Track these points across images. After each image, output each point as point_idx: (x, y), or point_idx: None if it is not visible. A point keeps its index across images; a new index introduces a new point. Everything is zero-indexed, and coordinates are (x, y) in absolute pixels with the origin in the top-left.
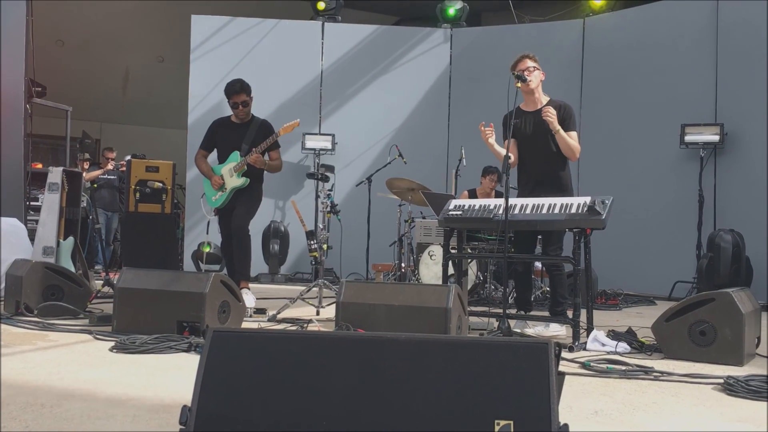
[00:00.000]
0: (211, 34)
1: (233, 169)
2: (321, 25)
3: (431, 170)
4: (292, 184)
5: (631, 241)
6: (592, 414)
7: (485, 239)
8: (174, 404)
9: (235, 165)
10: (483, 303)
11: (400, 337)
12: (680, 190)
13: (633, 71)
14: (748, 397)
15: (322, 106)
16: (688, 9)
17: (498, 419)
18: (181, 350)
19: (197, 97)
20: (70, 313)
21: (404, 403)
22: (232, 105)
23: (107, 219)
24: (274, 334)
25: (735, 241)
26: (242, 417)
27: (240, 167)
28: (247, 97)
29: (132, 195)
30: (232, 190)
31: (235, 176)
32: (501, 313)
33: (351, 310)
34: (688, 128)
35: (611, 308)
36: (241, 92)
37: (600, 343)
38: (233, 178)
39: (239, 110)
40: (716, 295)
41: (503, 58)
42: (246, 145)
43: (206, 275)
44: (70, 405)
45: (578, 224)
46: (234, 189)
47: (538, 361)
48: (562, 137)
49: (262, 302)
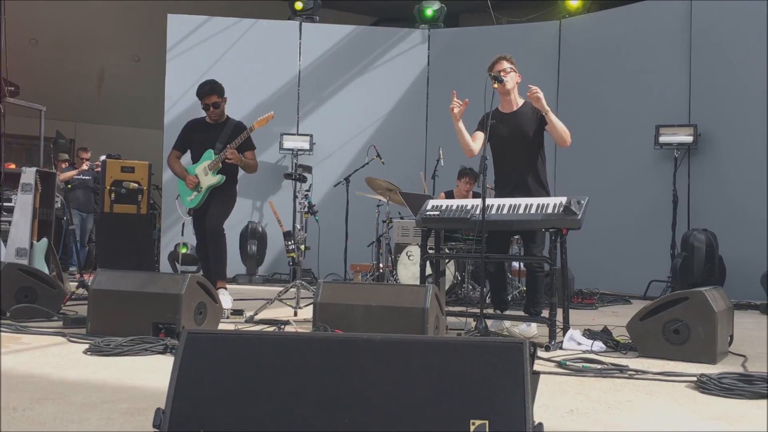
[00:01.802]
0: (188, 33)
1: (208, 167)
2: (298, 25)
3: (409, 171)
4: (270, 185)
5: (607, 241)
6: (567, 413)
7: (463, 239)
8: (149, 407)
9: (210, 163)
10: (461, 303)
11: (375, 338)
12: (655, 191)
13: (608, 72)
14: (720, 395)
15: (300, 107)
16: (662, 11)
17: (473, 419)
18: (156, 352)
19: (173, 96)
20: (44, 316)
21: (379, 403)
22: (204, 107)
23: (82, 220)
24: (249, 335)
25: (708, 241)
26: (217, 419)
27: (215, 165)
28: (218, 99)
29: (107, 195)
30: (207, 189)
31: (210, 174)
32: (478, 312)
33: (328, 310)
34: (662, 129)
35: (587, 307)
36: (211, 94)
37: (576, 342)
38: (208, 176)
39: (211, 112)
40: (689, 294)
41: (481, 59)
42: (220, 144)
43: (182, 276)
44: (43, 408)
45: (554, 224)
46: (210, 187)
47: (513, 360)
48: (552, 119)
49: (240, 303)
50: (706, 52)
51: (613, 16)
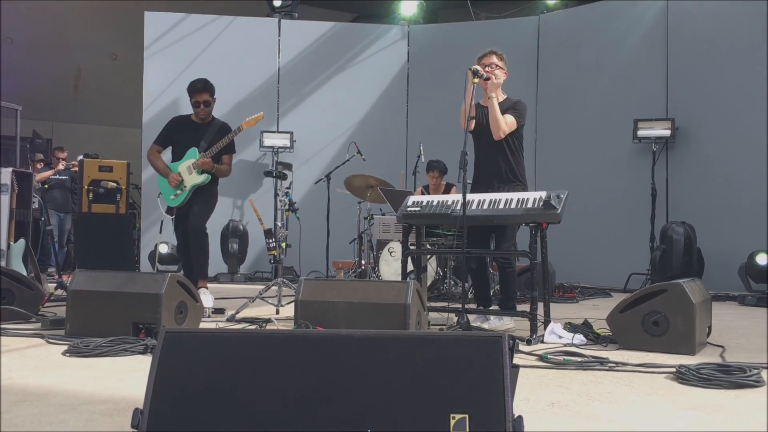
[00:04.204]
0: (165, 31)
1: (192, 165)
2: (277, 22)
3: (390, 167)
4: (250, 183)
5: (587, 235)
6: (548, 405)
7: (444, 235)
8: (128, 407)
9: (194, 162)
10: (443, 299)
11: (355, 334)
12: (634, 184)
13: (587, 67)
14: (699, 385)
15: (280, 104)
16: (639, 7)
17: (453, 413)
18: (136, 352)
19: (152, 95)
20: (22, 317)
21: (359, 399)
22: (194, 103)
23: (60, 220)
24: (228, 333)
25: (687, 233)
26: (196, 418)
27: (198, 165)
28: (210, 97)
29: (85, 195)
30: (192, 188)
31: (194, 173)
32: (460, 308)
33: (310, 308)
34: (640, 123)
35: (568, 301)
36: (203, 91)
37: (557, 335)
38: (193, 174)
39: (200, 109)
40: (668, 286)
41: (461, 55)
42: (205, 143)
43: (162, 276)
44: (21, 411)
45: (534, 218)
46: (195, 186)
47: (492, 354)
48: (493, 104)
49: (221, 302)
50: (682, 46)
51: (591, 11)
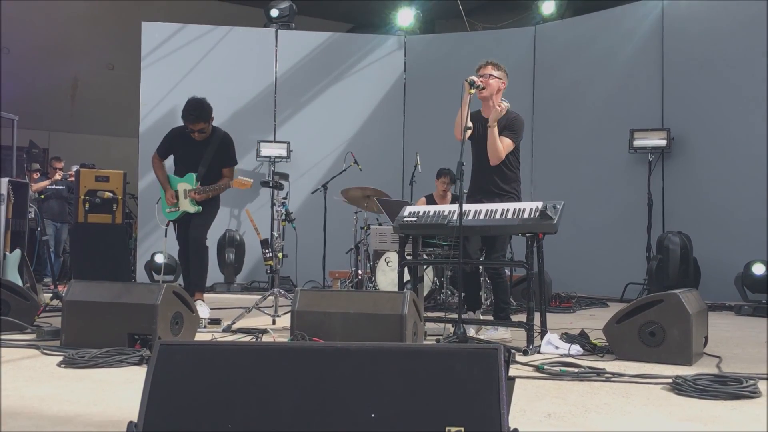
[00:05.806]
0: (163, 41)
1: (188, 191)
2: (274, 33)
3: (387, 177)
4: (247, 193)
5: (584, 245)
6: (545, 417)
7: (440, 245)
8: (123, 419)
9: (190, 191)
10: (440, 309)
11: (350, 347)
12: (630, 194)
13: (583, 77)
14: (695, 396)
15: (277, 114)
16: (635, 16)
17: (449, 425)
18: (132, 363)
19: (149, 105)
20: (17, 328)
21: (355, 412)
22: (189, 130)
23: (56, 230)
24: (223, 345)
25: (683, 243)
26: (190, 431)
27: (192, 197)
28: (204, 125)
29: (81, 205)
30: (184, 212)
31: (188, 201)
32: (457, 318)
33: (306, 318)
34: (636, 133)
35: (565, 311)
36: (197, 122)
37: (554, 345)
38: (187, 200)
39: (195, 135)
40: (664, 297)
41: (457, 65)
42: (203, 168)
43: (158, 286)
44: (16, 423)
45: (531, 229)
46: (185, 212)
47: (488, 366)
48: (493, 133)
49: (218, 312)
50: (678, 57)
51: (587, 22)
